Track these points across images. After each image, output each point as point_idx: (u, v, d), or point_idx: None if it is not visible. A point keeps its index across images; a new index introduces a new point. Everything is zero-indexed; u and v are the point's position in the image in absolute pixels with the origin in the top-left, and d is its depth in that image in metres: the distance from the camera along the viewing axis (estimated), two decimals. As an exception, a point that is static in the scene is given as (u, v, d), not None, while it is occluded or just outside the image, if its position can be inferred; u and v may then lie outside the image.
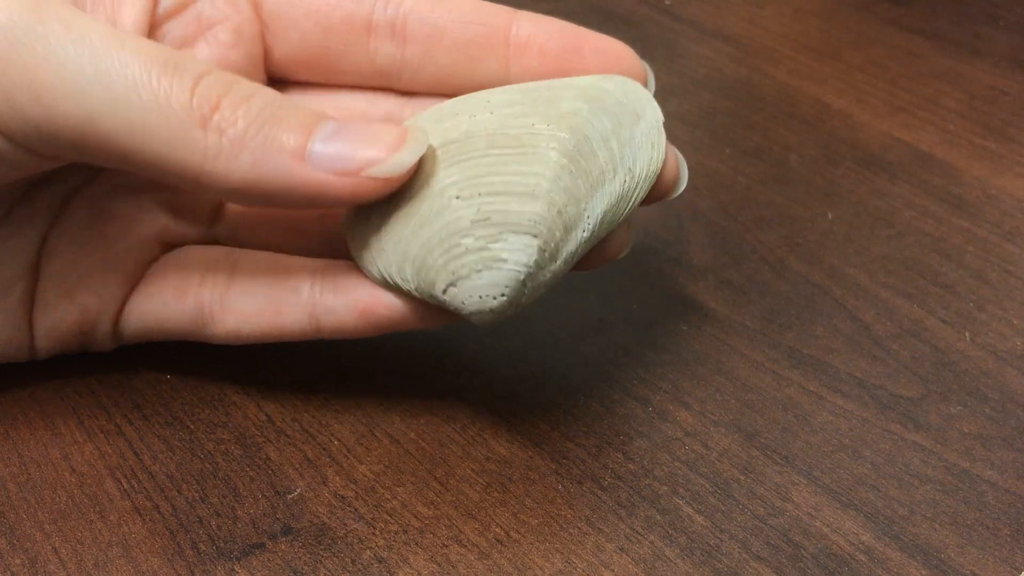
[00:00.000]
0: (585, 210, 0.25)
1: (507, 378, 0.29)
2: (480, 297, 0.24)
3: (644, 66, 0.28)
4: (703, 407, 0.28)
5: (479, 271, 0.24)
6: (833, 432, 0.27)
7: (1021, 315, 0.31)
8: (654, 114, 0.27)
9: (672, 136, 0.27)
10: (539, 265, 0.24)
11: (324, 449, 0.27)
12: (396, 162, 0.23)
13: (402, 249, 0.25)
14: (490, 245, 0.24)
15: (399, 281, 0.25)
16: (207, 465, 0.26)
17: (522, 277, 0.24)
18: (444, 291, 0.24)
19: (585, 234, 0.25)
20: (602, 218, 0.25)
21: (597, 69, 0.27)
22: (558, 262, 0.24)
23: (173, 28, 0.27)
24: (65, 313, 0.27)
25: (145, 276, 0.27)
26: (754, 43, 0.45)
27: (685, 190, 0.27)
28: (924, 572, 0.24)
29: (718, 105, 0.41)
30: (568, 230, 0.24)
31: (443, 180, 0.24)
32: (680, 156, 0.27)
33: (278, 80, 0.29)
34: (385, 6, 0.27)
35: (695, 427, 0.27)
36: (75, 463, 0.26)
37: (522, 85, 0.26)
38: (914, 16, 0.47)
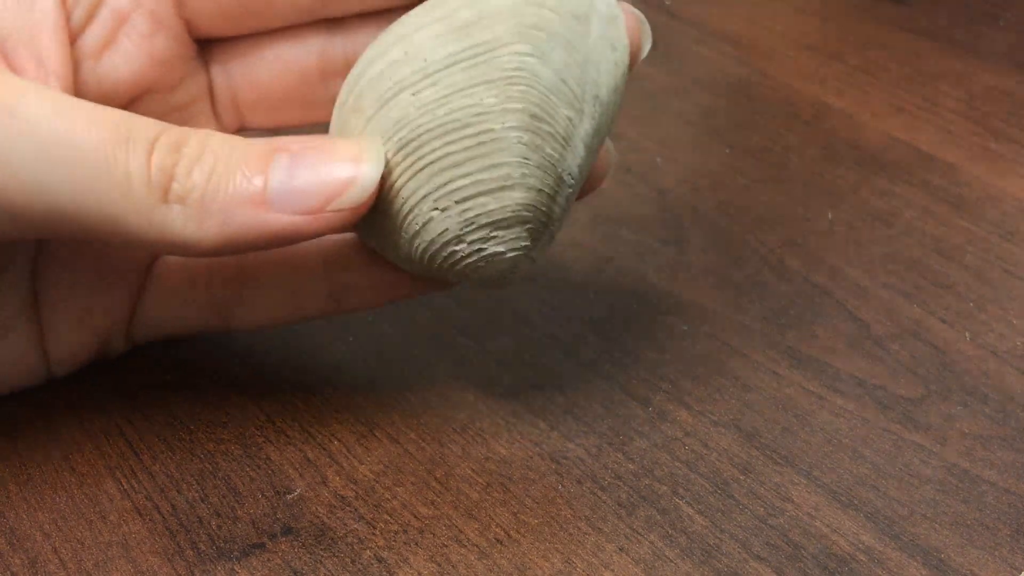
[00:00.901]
0: (564, 170, 0.24)
1: (507, 378, 0.29)
2: (494, 279, 0.25)
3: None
4: (703, 407, 0.28)
5: (481, 266, 0.24)
6: (833, 432, 0.27)
7: (1021, 315, 0.31)
8: (603, 3, 0.25)
9: (672, 136, 0.27)
10: (535, 236, 0.24)
11: (324, 449, 0.27)
12: (358, 190, 0.23)
13: (404, 253, 0.25)
14: (483, 246, 0.24)
15: (412, 271, 0.25)
16: (207, 465, 0.26)
17: (523, 254, 0.24)
18: (459, 282, 0.25)
19: (572, 185, 0.24)
20: (584, 163, 0.25)
21: None
22: (555, 219, 0.25)
23: (91, 35, 0.25)
24: (78, 338, 0.27)
25: (149, 279, 0.27)
26: (754, 43, 0.45)
27: (685, 190, 0.27)
28: (924, 572, 0.24)
29: (718, 105, 0.41)
30: (554, 195, 0.24)
31: (416, 192, 0.24)
32: (640, 16, 0.26)
33: (205, 41, 0.28)
34: None
35: (695, 427, 0.27)
36: (75, 463, 0.26)
37: (451, 13, 0.24)
38: (914, 16, 0.47)
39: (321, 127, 0.27)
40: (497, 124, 0.23)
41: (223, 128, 0.28)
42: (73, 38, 0.25)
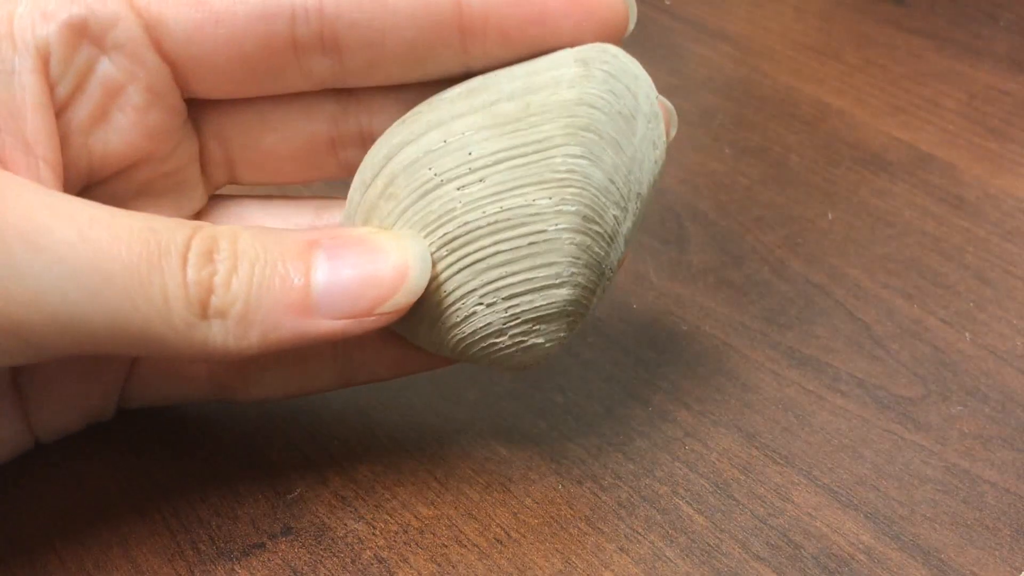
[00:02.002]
0: (607, 266, 0.24)
1: (507, 378, 0.29)
2: (525, 365, 0.25)
3: (627, 2, 0.24)
4: (703, 407, 0.28)
5: (518, 356, 0.24)
6: (833, 432, 0.27)
7: (1021, 315, 0.31)
8: (646, 96, 0.24)
9: (672, 136, 0.27)
10: (573, 327, 0.24)
11: (324, 449, 0.27)
12: (405, 295, 0.22)
13: (437, 341, 0.24)
14: (524, 339, 0.24)
15: (439, 354, 0.25)
16: (207, 465, 0.26)
17: (559, 343, 0.24)
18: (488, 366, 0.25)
19: (609, 280, 0.25)
20: (623, 253, 0.25)
21: (569, 33, 0.23)
22: (592, 307, 0.25)
23: (80, 109, 0.23)
24: (66, 415, 0.26)
25: (142, 360, 0.26)
26: (754, 43, 0.45)
27: (685, 190, 0.27)
28: (924, 572, 0.24)
29: (718, 105, 0.41)
30: (595, 288, 0.24)
31: (462, 287, 0.23)
32: (670, 106, 0.25)
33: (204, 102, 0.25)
34: (306, 16, 0.23)
35: (695, 427, 0.27)
36: (75, 463, 0.26)
37: (491, 104, 0.23)
38: (914, 16, 0.47)
39: (322, 186, 0.26)
40: (551, 226, 0.23)
41: (211, 185, 0.26)
42: (58, 112, 0.23)
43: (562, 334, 0.24)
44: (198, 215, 0.26)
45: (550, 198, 0.23)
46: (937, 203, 0.36)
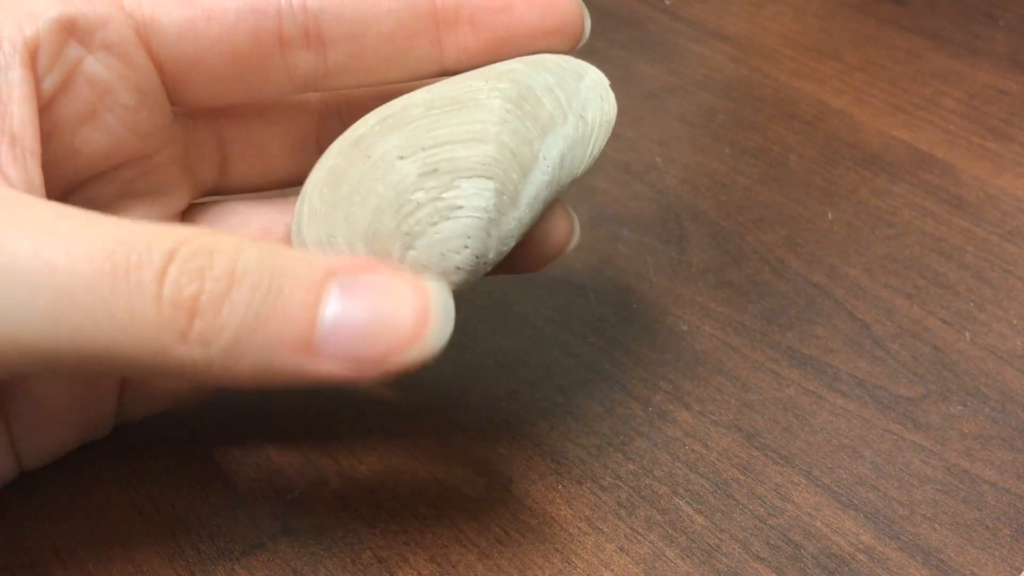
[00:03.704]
0: (540, 151, 0.23)
1: (507, 378, 0.29)
2: (442, 254, 0.22)
3: (581, 8, 0.25)
4: (703, 407, 0.28)
5: (435, 224, 0.22)
6: (833, 432, 0.27)
7: (1021, 315, 0.31)
8: (597, 74, 0.25)
9: (672, 136, 0.27)
10: (499, 210, 0.23)
11: (324, 449, 0.27)
12: (420, 352, 0.19)
13: (350, 228, 0.23)
14: (443, 195, 0.22)
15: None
16: (207, 465, 0.26)
17: (483, 223, 0.22)
18: (402, 258, 0.22)
19: (545, 176, 0.23)
20: (560, 161, 0.24)
21: (533, 21, 0.24)
22: (520, 207, 0.23)
23: (66, 106, 0.23)
24: (57, 433, 0.25)
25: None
26: (754, 43, 0.45)
27: (685, 190, 0.27)
28: (924, 572, 0.24)
29: (718, 105, 0.41)
30: (525, 171, 0.23)
31: (382, 147, 0.23)
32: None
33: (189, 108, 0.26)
34: (291, 10, 0.24)
35: (695, 427, 0.27)
36: (75, 463, 0.26)
37: (432, 96, 0.24)
38: (914, 16, 0.47)
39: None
40: (483, 96, 0.23)
41: (197, 186, 0.26)
42: (45, 108, 0.22)
43: (483, 209, 0.22)
44: (183, 215, 0.26)
45: (487, 82, 0.24)
46: (937, 203, 0.36)
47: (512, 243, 0.23)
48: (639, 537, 0.25)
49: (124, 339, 0.18)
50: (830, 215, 0.35)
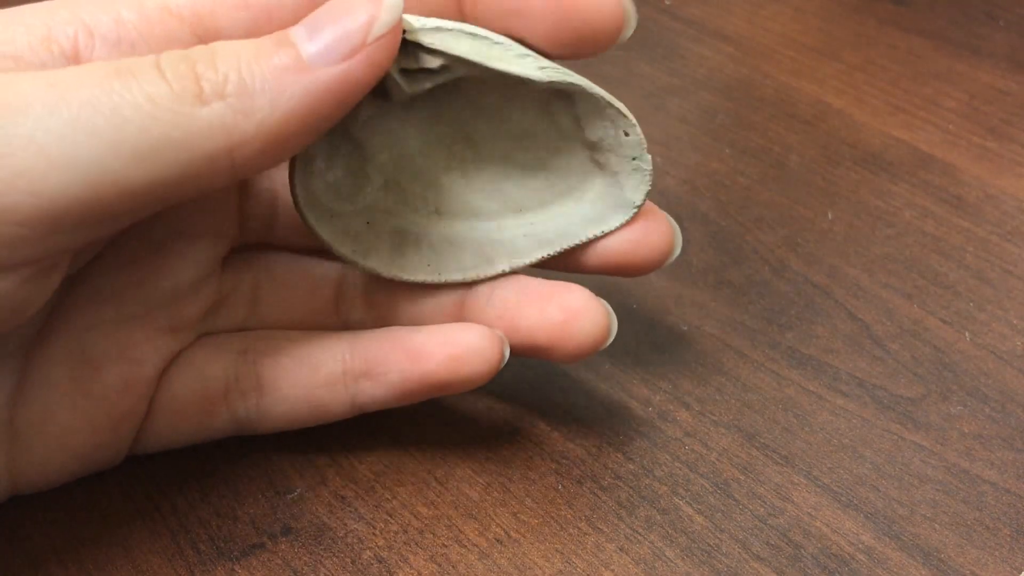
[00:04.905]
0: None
1: (507, 378, 0.29)
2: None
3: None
4: (703, 407, 0.28)
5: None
6: (833, 432, 0.27)
7: (1021, 315, 0.31)
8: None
9: (672, 136, 0.27)
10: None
11: (324, 449, 0.27)
12: (387, 11, 0.21)
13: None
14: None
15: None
16: (207, 465, 0.26)
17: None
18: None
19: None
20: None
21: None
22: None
23: None
24: (57, 472, 0.24)
25: (156, 399, 0.25)
26: (754, 43, 0.45)
27: (685, 190, 0.27)
28: (924, 572, 0.24)
29: (718, 105, 0.41)
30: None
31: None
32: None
33: None
34: None
35: (695, 427, 0.27)
36: (75, 463, 0.26)
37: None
38: (914, 16, 0.47)
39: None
40: None
41: (245, 234, 0.26)
42: None
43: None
44: (224, 260, 0.26)
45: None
46: (937, 203, 0.36)
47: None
48: (639, 537, 0.25)
49: (151, 121, 0.20)
50: (830, 215, 0.35)
